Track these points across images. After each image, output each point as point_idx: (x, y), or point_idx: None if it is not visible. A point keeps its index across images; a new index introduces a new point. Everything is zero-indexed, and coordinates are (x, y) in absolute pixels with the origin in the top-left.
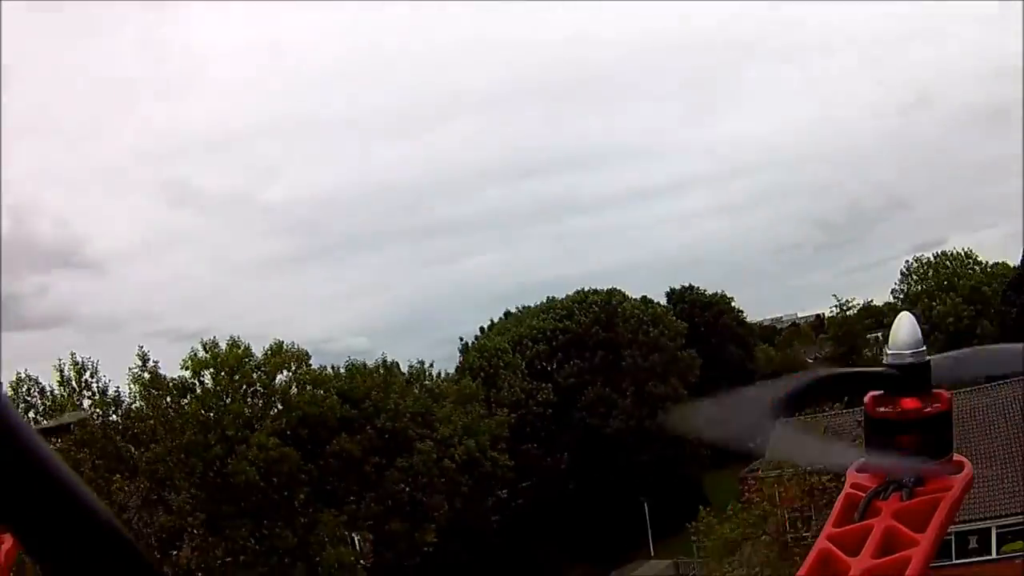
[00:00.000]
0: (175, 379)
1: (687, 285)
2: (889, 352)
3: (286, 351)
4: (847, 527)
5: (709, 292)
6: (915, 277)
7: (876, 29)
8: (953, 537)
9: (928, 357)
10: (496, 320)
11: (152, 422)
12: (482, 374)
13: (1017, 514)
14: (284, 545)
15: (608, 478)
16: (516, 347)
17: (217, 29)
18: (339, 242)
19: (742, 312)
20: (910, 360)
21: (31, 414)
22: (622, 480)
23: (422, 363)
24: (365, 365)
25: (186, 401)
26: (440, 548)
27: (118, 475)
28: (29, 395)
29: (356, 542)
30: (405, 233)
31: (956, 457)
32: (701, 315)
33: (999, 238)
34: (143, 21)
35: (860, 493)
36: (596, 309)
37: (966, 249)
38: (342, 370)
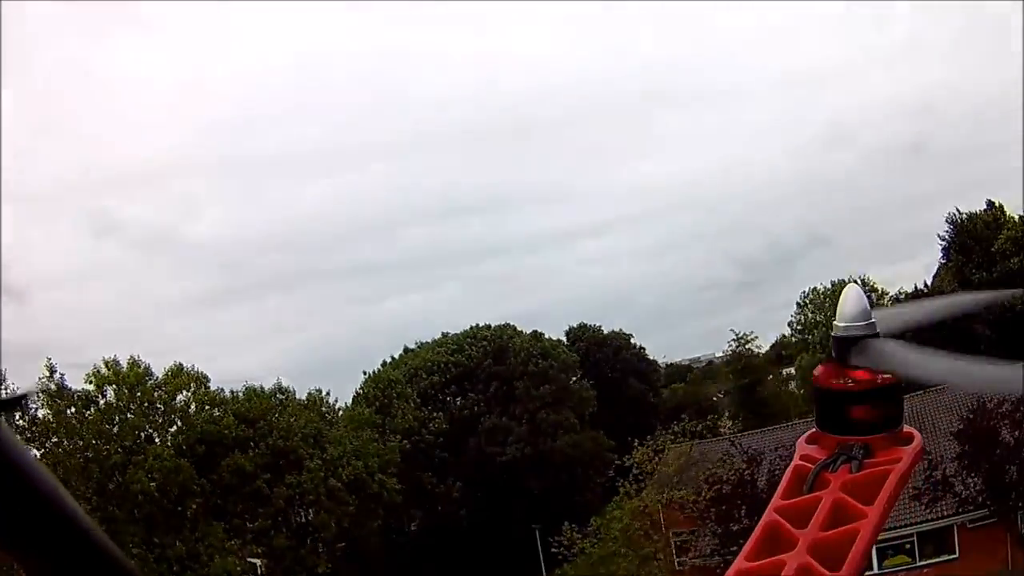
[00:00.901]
0: (79, 391)
1: (583, 323)
2: (838, 324)
3: (186, 372)
4: (795, 499)
5: (607, 330)
6: (811, 307)
7: (791, 70)
8: None
9: (879, 330)
10: (397, 356)
11: (55, 427)
12: (376, 403)
13: (899, 525)
14: (174, 554)
15: (502, 505)
16: (410, 379)
17: (145, 60)
18: (261, 280)
19: (643, 348)
20: (859, 332)
21: None
22: (516, 507)
23: (319, 390)
24: (263, 388)
25: (89, 413)
26: (333, 571)
27: None
28: None
29: (258, 567)
30: (327, 273)
31: (906, 429)
32: (598, 351)
33: (919, 268)
34: (75, 47)
35: (809, 465)
36: (486, 343)
37: (863, 278)
38: (240, 393)
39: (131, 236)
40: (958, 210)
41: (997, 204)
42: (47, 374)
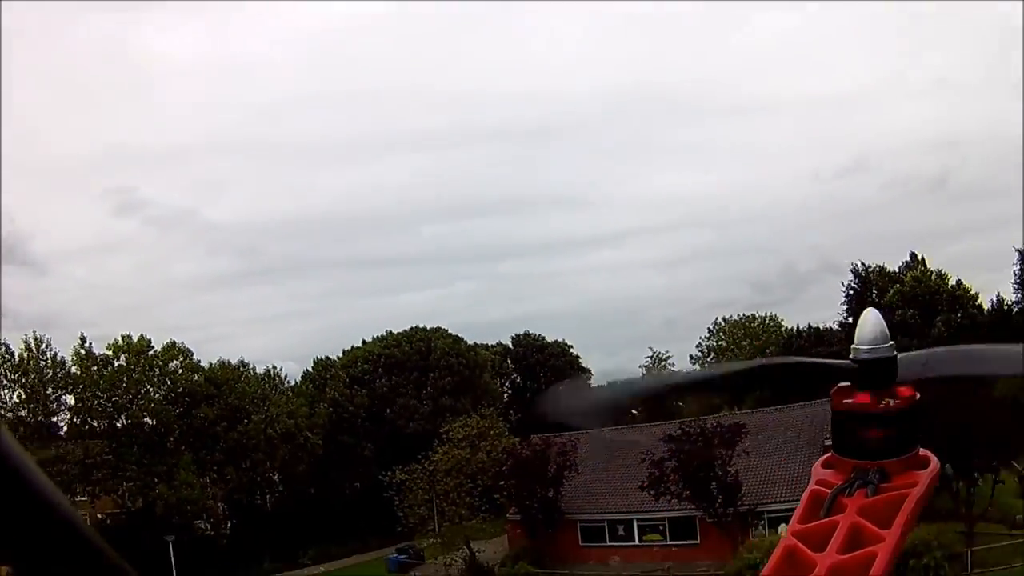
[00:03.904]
0: (101, 355)
1: (526, 332)
2: (855, 347)
3: (177, 347)
4: (813, 523)
5: (550, 340)
6: (721, 334)
7: (817, 93)
8: (606, 525)
9: (895, 353)
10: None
11: (84, 379)
12: (316, 380)
13: (655, 510)
14: (158, 470)
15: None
16: (350, 365)
17: (179, 42)
18: (278, 265)
19: (578, 358)
20: (875, 355)
21: None
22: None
23: (276, 367)
24: (230, 362)
25: (107, 371)
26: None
27: None
28: None
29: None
30: (341, 262)
31: (921, 452)
32: (536, 357)
33: None
34: (105, 24)
35: (825, 489)
36: (419, 342)
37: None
38: (214, 364)
39: (152, 215)
40: (862, 263)
41: (920, 257)
42: (80, 342)
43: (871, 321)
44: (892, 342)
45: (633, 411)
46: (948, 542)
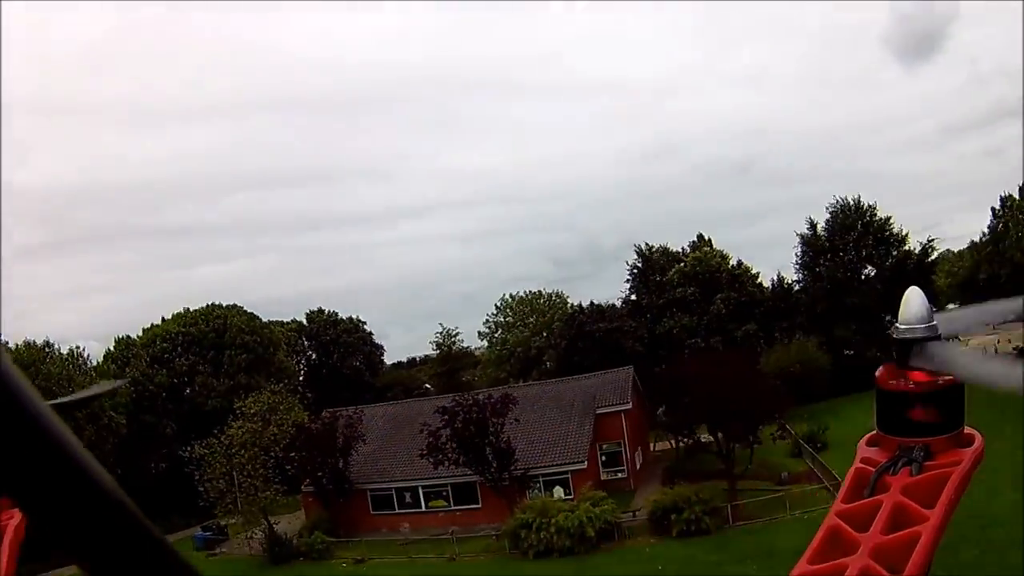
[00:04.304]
0: None
1: (321, 308)
2: (898, 326)
3: None
4: (856, 503)
5: (344, 316)
6: (508, 310)
7: (628, 79)
8: (394, 493)
9: (940, 332)
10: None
11: None
12: (118, 360)
13: (439, 477)
14: None
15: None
16: (150, 344)
17: None
18: (77, 236)
19: (372, 334)
20: (921, 333)
21: None
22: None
23: (79, 347)
24: (36, 343)
25: None
26: None
27: None
28: None
29: None
30: (143, 233)
31: (967, 430)
32: (329, 334)
33: None
34: None
35: (870, 468)
36: (216, 319)
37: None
38: (20, 344)
39: None
40: (646, 243)
41: (706, 238)
42: None
43: (915, 299)
44: (935, 322)
45: (427, 385)
46: (709, 497)
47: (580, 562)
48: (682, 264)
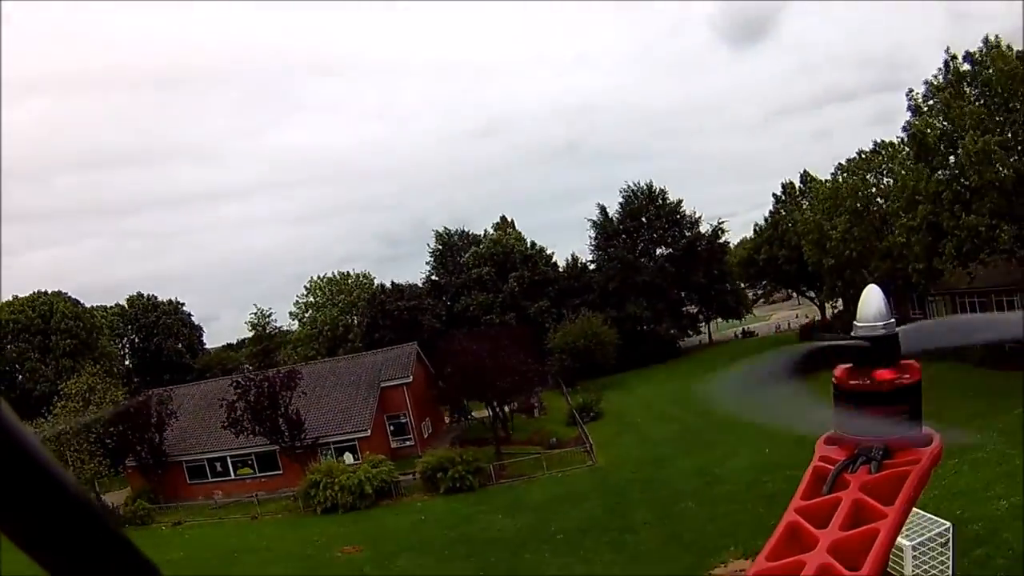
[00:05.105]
0: None
1: (139, 293)
2: (859, 324)
3: None
4: (815, 500)
5: (164, 300)
6: (317, 291)
7: (453, 60)
8: (206, 463)
9: (897, 329)
10: None
11: None
12: None
13: (244, 447)
14: None
15: (31, 424)
16: None
17: None
18: None
19: (191, 315)
20: (880, 332)
21: None
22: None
23: None
24: None
25: None
26: None
27: None
28: None
29: None
30: None
31: (925, 429)
32: (149, 315)
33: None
34: None
35: (828, 466)
36: (43, 306)
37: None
38: None
39: None
40: (445, 228)
41: (509, 219)
42: None
43: (873, 298)
44: (895, 319)
45: (246, 365)
46: (472, 458)
47: (360, 515)
48: (476, 247)
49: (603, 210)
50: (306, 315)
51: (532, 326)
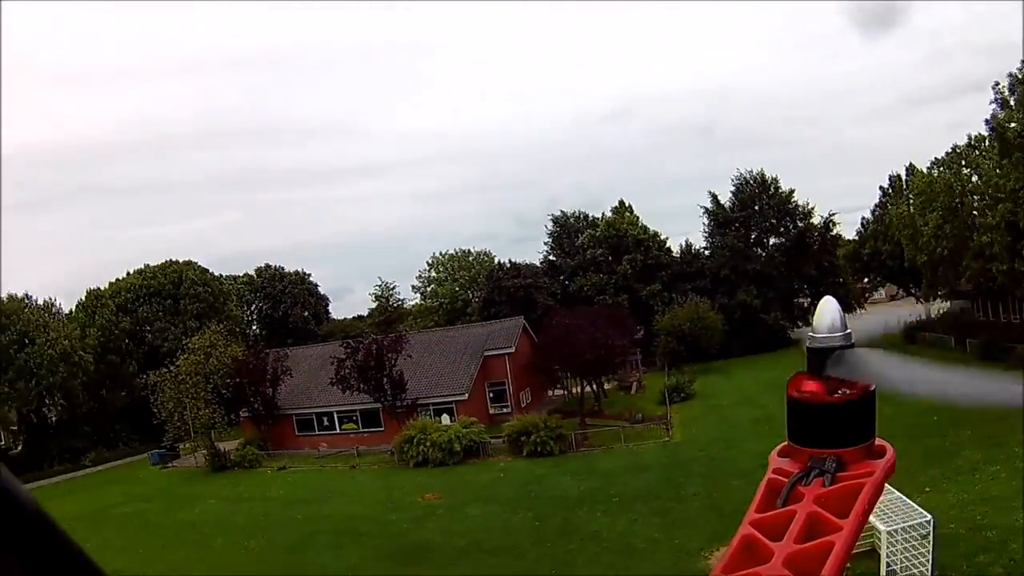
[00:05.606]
0: None
1: (267, 264)
2: (811, 335)
3: None
4: (770, 513)
5: (290, 271)
6: (439, 267)
7: (586, 42)
8: (314, 417)
9: (852, 342)
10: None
11: None
12: (88, 309)
13: (350, 404)
14: None
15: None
16: (116, 295)
17: None
18: (41, 198)
19: (317, 285)
20: (833, 344)
21: None
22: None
23: (52, 298)
24: (16, 295)
25: None
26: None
27: None
28: None
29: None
30: (108, 192)
31: (878, 441)
32: (276, 285)
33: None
34: None
35: (782, 479)
36: (173, 273)
37: None
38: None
39: None
40: (562, 211)
41: (627, 204)
42: None
43: (828, 310)
44: (849, 331)
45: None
46: (555, 425)
47: (447, 471)
48: (593, 230)
49: (715, 198)
50: (427, 289)
51: (643, 309)
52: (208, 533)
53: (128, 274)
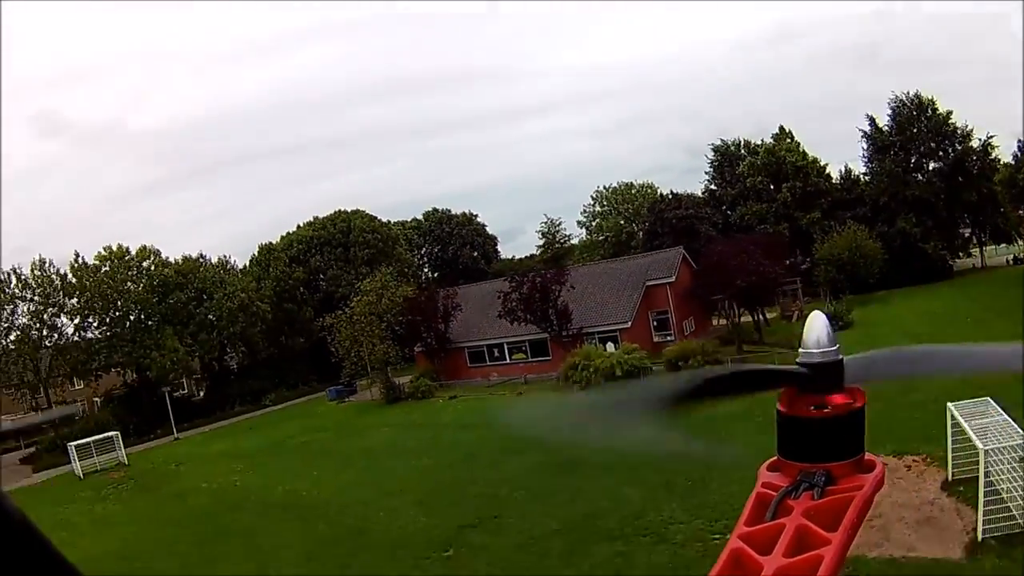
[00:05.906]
0: (92, 264)
1: (434, 208)
2: (802, 351)
3: (148, 249)
4: (759, 526)
5: (457, 213)
6: (604, 200)
7: None
8: (485, 349)
9: (842, 356)
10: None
11: (83, 282)
12: (262, 262)
13: (518, 335)
14: (149, 342)
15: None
16: (288, 247)
17: None
18: (208, 165)
19: (484, 225)
20: (822, 359)
21: None
22: None
23: (227, 255)
24: (192, 256)
25: (97, 276)
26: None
27: None
28: None
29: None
30: (275, 153)
31: (867, 456)
32: (444, 227)
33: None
34: None
35: (771, 492)
36: (341, 222)
37: None
38: (178, 259)
39: (78, 133)
40: (722, 140)
41: (787, 130)
42: (74, 256)
43: (817, 324)
44: (838, 345)
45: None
46: (711, 350)
47: None
48: (752, 157)
49: (872, 121)
50: (592, 224)
51: (804, 237)
52: (380, 455)
53: (298, 227)
